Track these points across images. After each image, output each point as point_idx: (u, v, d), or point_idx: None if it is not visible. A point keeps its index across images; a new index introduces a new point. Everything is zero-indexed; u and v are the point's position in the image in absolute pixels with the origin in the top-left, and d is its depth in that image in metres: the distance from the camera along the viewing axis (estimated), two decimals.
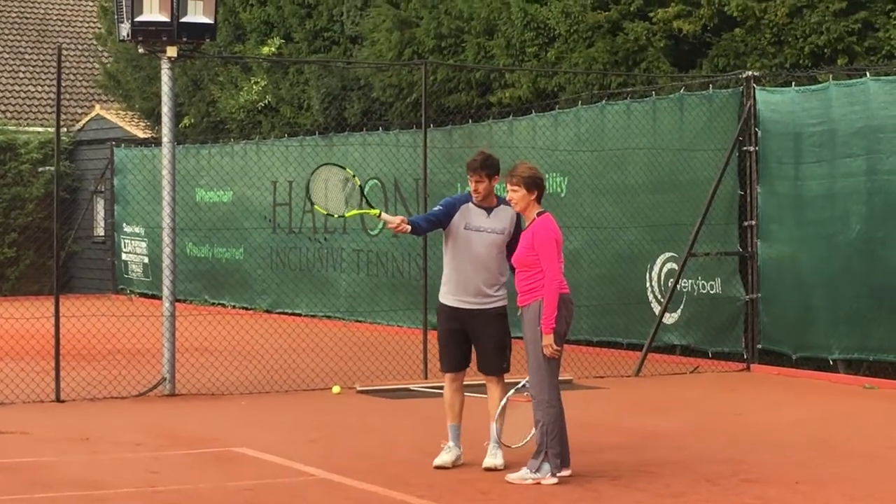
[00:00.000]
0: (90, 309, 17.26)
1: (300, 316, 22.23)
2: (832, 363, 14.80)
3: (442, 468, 9.59)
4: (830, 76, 14.92)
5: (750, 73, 15.79)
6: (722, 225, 15.93)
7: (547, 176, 17.01)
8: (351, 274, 21.85)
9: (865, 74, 14.46)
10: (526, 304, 9.23)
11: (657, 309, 16.27)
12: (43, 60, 32.13)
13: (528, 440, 9.43)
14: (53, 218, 14.22)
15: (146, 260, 26.94)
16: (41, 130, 29.68)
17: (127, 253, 27.84)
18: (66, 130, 29.20)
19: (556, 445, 9.11)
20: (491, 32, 19.28)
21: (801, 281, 15.13)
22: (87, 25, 33.52)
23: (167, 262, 14.05)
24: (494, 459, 9.58)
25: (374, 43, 21.16)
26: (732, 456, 10.16)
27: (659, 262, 16.70)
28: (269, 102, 24.18)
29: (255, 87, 24.12)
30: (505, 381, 9.75)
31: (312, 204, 9.88)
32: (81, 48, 32.73)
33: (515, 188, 9.28)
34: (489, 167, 9.63)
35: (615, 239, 17.09)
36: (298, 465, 9.85)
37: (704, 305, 16.18)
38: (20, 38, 32.68)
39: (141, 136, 28.54)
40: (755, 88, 15.68)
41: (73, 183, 29.41)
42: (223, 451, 10.55)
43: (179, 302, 15.09)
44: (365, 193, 9.93)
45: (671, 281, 15.99)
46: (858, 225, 14.38)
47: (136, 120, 28.95)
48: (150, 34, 13.57)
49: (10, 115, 30.68)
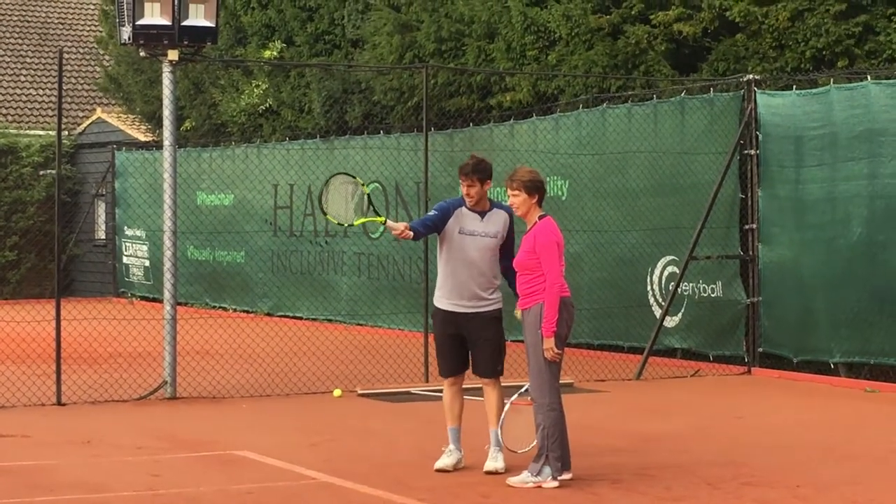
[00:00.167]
0: (91, 312, 17.27)
1: (301, 319, 22.23)
2: (833, 367, 14.79)
3: (443, 471, 9.60)
4: (831, 80, 14.93)
5: (751, 76, 15.79)
6: (723, 228, 15.93)
7: (548, 179, 17.05)
8: (352, 277, 21.86)
9: (866, 78, 14.46)
10: (527, 307, 9.23)
11: (658, 312, 16.27)
12: (44, 64, 32.16)
13: (534, 445, 9.42)
14: (55, 221, 14.22)
15: (147, 263, 26.95)
16: (42, 134, 29.70)
17: (128, 256, 27.85)
18: (67, 134, 29.22)
19: (556, 449, 9.11)
20: (491, 36, 19.29)
21: (802, 284, 15.13)
22: (88, 29, 33.54)
23: (168, 265, 14.05)
24: (495, 463, 9.59)
25: (374, 46, 21.18)
26: (733, 459, 10.16)
27: (660, 265, 16.70)
28: (270, 106, 24.19)
29: (256, 90, 24.13)
30: (502, 384, 9.77)
31: (325, 214, 9.90)
32: (83, 51, 32.76)
33: (516, 192, 9.28)
34: (481, 171, 9.66)
35: (616, 242, 17.09)
36: (299, 468, 9.85)
37: (705, 309, 16.18)
38: (22, 41, 32.70)
39: (142, 139, 28.56)
40: (756, 92, 15.68)
41: (74, 186, 29.42)
42: (224, 454, 10.55)
43: (180, 305, 15.10)
44: (372, 201, 9.96)
45: (672, 284, 15.99)
46: (859, 228, 14.38)
47: (137, 123, 28.98)
48: (151, 38, 13.58)
49: (11, 118, 30.71)
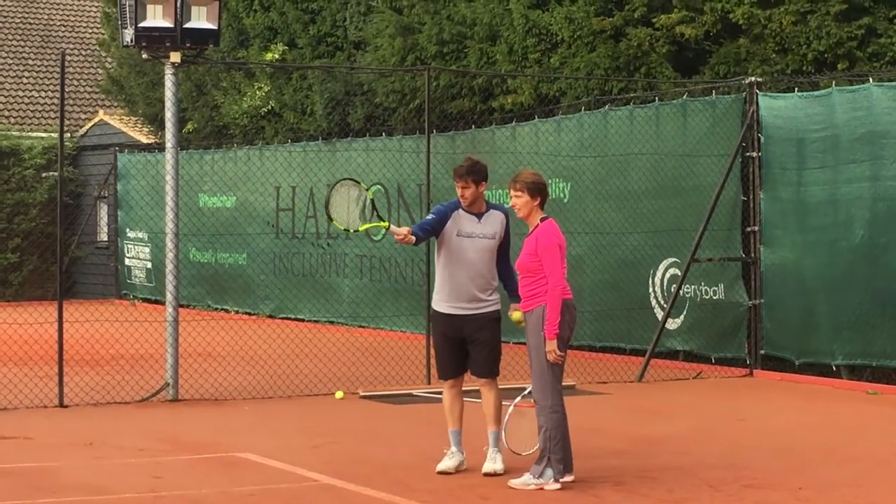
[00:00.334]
0: (93, 314, 17.27)
1: (303, 321, 22.23)
2: (835, 369, 14.79)
3: (445, 473, 9.60)
4: (833, 82, 14.93)
5: (753, 78, 15.79)
6: (725, 230, 15.93)
7: (550, 181, 17.02)
8: (354, 279, 21.86)
9: (868, 80, 14.46)
10: (529, 309, 9.24)
11: (660, 314, 16.26)
12: (47, 66, 32.18)
13: (537, 447, 9.41)
14: (57, 223, 14.24)
15: (149, 265, 26.96)
16: (45, 136, 29.71)
17: (130, 258, 27.85)
18: (69, 136, 29.22)
19: (558, 451, 9.11)
20: (493, 38, 19.30)
21: (804, 286, 15.13)
22: (90, 31, 33.56)
23: (170, 267, 14.05)
24: (494, 464, 9.59)
25: (376, 48, 21.19)
26: (735, 461, 10.16)
27: (662, 267, 16.70)
28: (272, 108, 24.19)
29: (258, 92, 24.14)
30: (501, 386, 9.78)
31: (331, 220, 9.91)
32: (85, 54, 32.77)
33: (518, 194, 9.30)
34: (475, 173, 9.68)
35: (618, 244, 17.09)
36: (301, 470, 9.86)
37: (707, 311, 16.18)
38: (24, 43, 32.73)
39: (144, 141, 28.57)
40: (758, 94, 15.68)
41: (76, 188, 29.42)
42: (226, 456, 10.55)
43: (182, 307, 15.11)
44: (376, 206, 9.97)
45: (674, 286, 15.98)
46: (862, 230, 14.37)
47: (139, 125, 28.98)
48: (153, 40, 13.58)
49: (13, 120, 30.72)
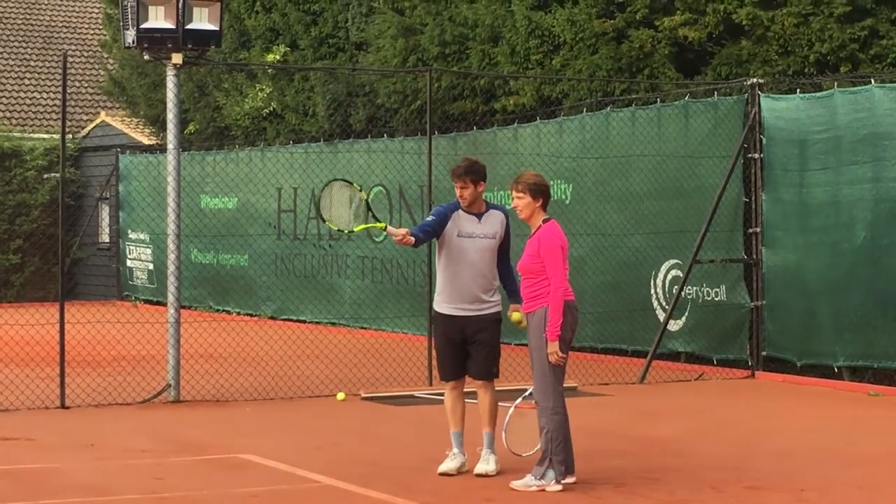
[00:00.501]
0: (95, 315, 17.27)
1: (305, 322, 22.22)
2: (837, 370, 14.79)
3: (447, 475, 9.60)
4: (835, 83, 14.93)
5: (755, 80, 15.79)
6: (727, 232, 15.93)
7: (551, 183, 17.02)
8: (355, 280, 21.86)
9: (870, 82, 14.46)
10: (531, 310, 9.23)
11: (662, 316, 16.26)
12: (48, 67, 32.18)
13: (538, 448, 9.42)
14: (59, 224, 14.24)
15: (151, 266, 26.96)
16: (46, 137, 29.71)
17: (132, 259, 27.86)
18: (71, 137, 29.21)
19: (560, 452, 9.11)
20: (495, 40, 19.29)
21: (805, 288, 15.12)
22: (92, 32, 33.57)
23: (172, 268, 14.06)
24: (486, 465, 9.59)
25: (378, 49, 21.18)
26: (737, 463, 10.16)
27: (664, 269, 16.69)
28: (274, 109, 24.19)
29: (260, 94, 24.14)
30: (500, 387, 9.79)
31: (324, 221, 9.91)
32: (87, 55, 32.78)
33: (520, 195, 9.30)
34: (473, 173, 9.68)
35: (620, 246, 17.08)
36: (303, 471, 9.85)
37: (709, 312, 16.18)
38: (26, 45, 32.73)
39: (146, 142, 28.56)
40: (760, 95, 15.68)
41: (78, 189, 29.42)
42: (228, 457, 10.55)
43: (184, 308, 15.10)
44: (371, 207, 9.96)
45: (676, 288, 15.98)
46: (863, 232, 14.37)
47: (141, 126, 28.98)
48: (155, 41, 13.58)
49: (15, 121, 30.73)
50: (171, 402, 13.64)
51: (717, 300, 16.11)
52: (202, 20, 13.65)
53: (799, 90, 15.37)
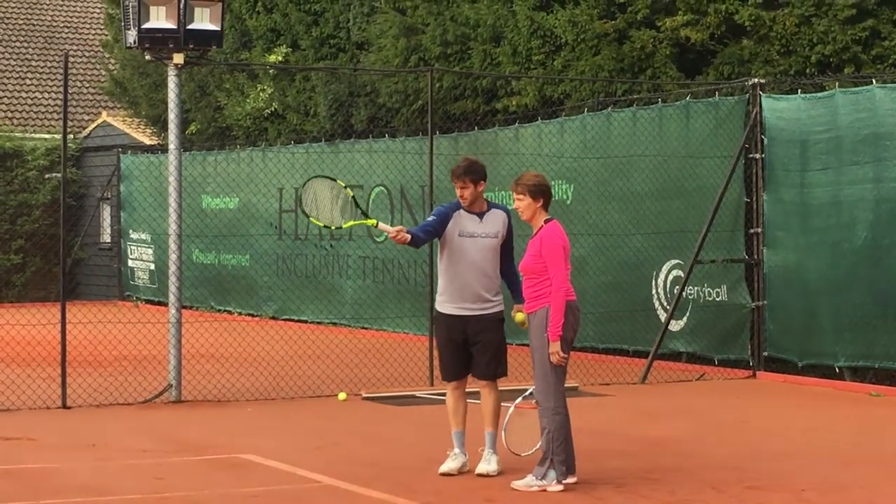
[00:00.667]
0: (96, 315, 17.27)
1: (306, 322, 22.23)
2: (838, 370, 14.79)
3: (448, 475, 9.60)
4: (836, 83, 14.92)
5: (756, 80, 15.79)
6: (728, 232, 15.93)
7: (553, 183, 17.03)
8: (357, 280, 21.86)
9: (872, 82, 14.46)
10: (533, 311, 9.23)
11: (663, 316, 16.26)
12: (50, 67, 32.19)
13: (538, 448, 9.42)
14: (60, 224, 14.24)
15: (152, 266, 26.97)
16: (48, 137, 29.72)
17: (133, 259, 27.87)
18: (72, 137, 29.23)
19: (561, 452, 9.11)
20: (497, 40, 19.29)
21: (807, 288, 15.12)
22: (93, 32, 33.58)
23: (173, 268, 14.06)
24: (488, 465, 9.59)
25: (380, 49, 21.19)
26: (738, 463, 10.16)
27: (665, 269, 16.69)
28: (275, 109, 24.20)
29: (261, 94, 24.14)
30: (502, 387, 9.78)
31: (307, 216, 9.91)
32: (88, 55, 32.79)
33: (521, 197, 9.30)
34: (473, 173, 9.66)
35: (621, 246, 17.08)
36: (304, 471, 9.86)
37: (710, 312, 16.18)
38: (27, 45, 32.74)
39: (147, 142, 28.57)
40: (761, 95, 15.68)
41: (79, 189, 29.43)
42: (229, 457, 10.55)
43: (185, 308, 15.11)
44: (359, 203, 9.94)
45: (677, 288, 15.98)
46: (864, 232, 14.37)
47: (142, 126, 28.99)
48: (156, 41, 13.59)
49: (16, 121, 30.73)
50: (172, 402, 13.65)
51: (718, 300, 16.11)
52: (203, 20, 13.66)
53: (800, 90, 15.37)
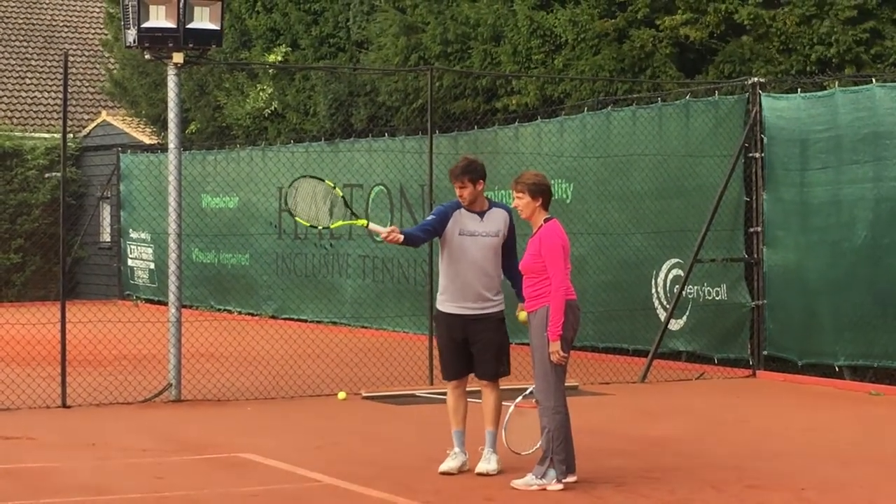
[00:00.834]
0: (96, 315, 17.27)
1: (306, 322, 22.24)
2: (838, 369, 14.79)
3: (448, 474, 9.60)
4: (836, 82, 14.92)
5: (756, 79, 15.79)
6: (728, 231, 15.93)
7: (552, 182, 17.03)
8: (356, 280, 21.86)
9: (871, 81, 14.46)
10: (533, 310, 9.23)
11: (663, 315, 16.26)
12: (49, 66, 32.19)
13: (538, 447, 9.42)
14: (60, 224, 14.24)
15: (152, 266, 26.97)
16: (47, 136, 29.72)
17: (133, 259, 27.87)
18: (72, 136, 29.22)
19: (561, 451, 9.11)
20: (497, 39, 19.29)
21: (806, 287, 15.12)
22: (93, 32, 33.58)
23: (173, 267, 14.06)
24: (487, 464, 9.59)
25: (380, 48, 21.18)
26: (737, 462, 10.16)
27: (665, 268, 16.69)
28: (275, 109, 24.20)
29: (261, 94, 24.14)
30: (502, 386, 9.78)
31: (293, 216, 9.91)
32: (88, 54, 32.78)
33: (520, 196, 9.30)
34: (471, 172, 9.65)
35: (621, 245, 17.08)
36: (304, 470, 9.86)
37: (710, 312, 16.18)
38: (27, 44, 32.74)
39: (147, 141, 28.58)
40: (761, 95, 15.68)
41: (79, 189, 29.43)
42: (229, 456, 10.55)
43: (185, 308, 15.11)
44: (348, 203, 9.93)
45: (677, 287, 15.98)
46: (864, 231, 14.37)
47: (142, 126, 28.99)
48: (156, 40, 13.59)
49: (16, 121, 30.74)
50: (172, 401, 13.65)
51: (717, 299, 16.11)
52: (203, 20, 13.66)
53: (800, 89, 15.37)
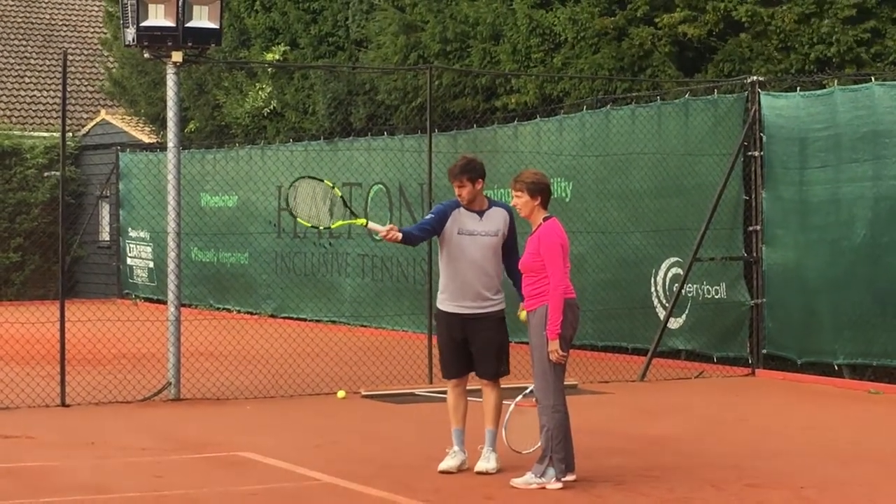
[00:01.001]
0: (95, 314, 17.27)
1: (305, 320, 22.24)
2: (837, 368, 14.79)
3: (447, 473, 9.60)
4: (835, 81, 14.92)
5: (755, 77, 15.79)
6: (727, 230, 15.93)
7: (552, 181, 17.03)
8: (356, 278, 21.86)
9: (871, 79, 14.46)
10: (532, 309, 9.23)
11: (662, 314, 16.26)
12: (48, 65, 32.18)
13: (538, 446, 9.41)
14: (59, 223, 14.24)
15: (151, 264, 26.97)
16: (46, 135, 29.72)
17: (132, 258, 27.87)
18: (71, 135, 29.22)
19: (560, 450, 9.11)
20: (496, 38, 19.29)
21: (805, 286, 15.12)
22: (92, 31, 33.57)
23: (172, 266, 14.06)
24: (487, 463, 9.59)
25: (379, 46, 21.18)
26: (737, 461, 10.16)
27: (664, 266, 16.69)
28: (274, 108, 24.19)
29: (260, 92, 24.13)
30: (502, 385, 9.78)
31: (294, 217, 9.91)
32: (87, 53, 32.78)
33: (519, 194, 9.30)
34: (469, 171, 9.63)
35: (620, 244, 17.09)
36: (303, 469, 9.86)
37: (709, 310, 16.18)
38: (26, 43, 32.73)
39: (146, 140, 28.58)
40: (760, 93, 15.68)
41: (78, 188, 29.43)
42: (228, 455, 10.55)
43: (184, 307, 15.10)
44: (347, 203, 9.94)
45: (676, 286, 15.98)
46: (864, 230, 14.37)
47: (141, 125, 28.99)
48: (155, 39, 13.59)
49: (15, 120, 30.73)
50: (171, 400, 13.65)
51: (717, 298, 16.11)
52: (202, 18, 13.66)
53: (799, 88, 15.37)
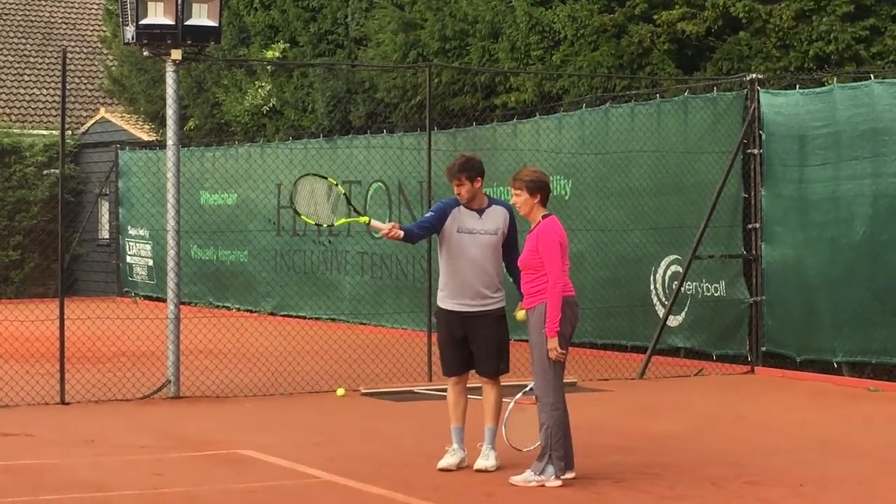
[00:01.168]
0: (95, 311, 17.28)
1: (304, 318, 22.24)
2: (836, 366, 14.79)
3: (446, 470, 9.60)
4: (835, 78, 14.92)
5: (754, 75, 15.79)
6: (726, 227, 15.93)
7: (551, 178, 17.03)
8: (355, 276, 21.87)
9: (870, 77, 14.46)
10: (531, 306, 9.23)
11: (661, 311, 16.26)
12: (48, 63, 32.18)
13: (538, 444, 9.41)
14: (58, 221, 14.25)
15: (151, 262, 26.97)
16: (46, 133, 29.73)
17: (131, 256, 27.87)
18: (70, 133, 29.22)
19: (559, 448, 9.11)
20: (496, 35, 19.28)
21: (805, 283, 15.13)
22: (91, 28, 33.57)
23: (172, 264, 14.06)
24: (486, 461, 9.59)
25: (378, 44, 21.18)
26: (736, 458, 10.16)
27: (663, 264, 16.70)
28: (273, 105, 24.19)
29: (259, 90, 24.13)
30: (502, 383, 9.78)
31: (298, 214, 9.92)
32: (86, 51, 32.78)
33: (518, 192, 9.30)
34: (468, 169, 9.62)
35: (619, 241, 17.09)
36: (303, 467, 9.86)
37: (709, 308, 16.18)
38: (25, 41, 32.73)
39: (145, 138, 28.58)
40: (759, 91, 15.68)
41: (77, 186, 29.44)
42: (228, 453, 10.56)
43: (184, 304, 15.10)
44: (350, 201, 9.94)
45: (675, 283, 15.98)
46: (863, 227, 14.37)
47: (140, 123, 28.99)
48: (154, 37, 13.59)
49: (14, 118, 30.73)
50: (170, 397, 13.65)
51: (716, 296, 16.11)
52: (201, 16, 13.66)
53: (798, 85, 15.37)
